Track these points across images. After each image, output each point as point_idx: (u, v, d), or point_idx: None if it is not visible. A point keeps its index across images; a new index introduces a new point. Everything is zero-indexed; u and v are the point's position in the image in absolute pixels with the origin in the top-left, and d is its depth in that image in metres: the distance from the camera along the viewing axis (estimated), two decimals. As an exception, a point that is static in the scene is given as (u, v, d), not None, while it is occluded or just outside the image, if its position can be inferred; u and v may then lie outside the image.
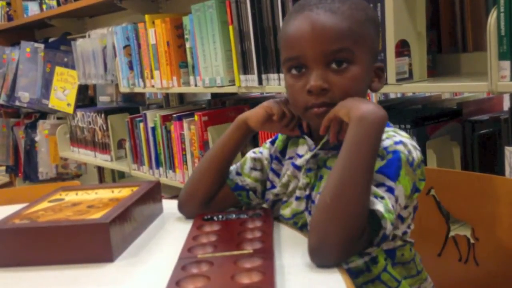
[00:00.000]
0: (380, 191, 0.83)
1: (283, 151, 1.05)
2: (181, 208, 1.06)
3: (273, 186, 1.04)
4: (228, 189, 1.05)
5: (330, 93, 0.89)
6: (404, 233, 0.93)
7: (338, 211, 0.78)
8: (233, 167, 1.07)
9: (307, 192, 0.96)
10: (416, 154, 0.89)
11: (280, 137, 1.07)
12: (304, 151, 0.99)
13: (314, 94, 0.90)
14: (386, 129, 0.90)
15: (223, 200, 1.05)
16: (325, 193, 0.81)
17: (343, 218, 0.78)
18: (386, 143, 0.87)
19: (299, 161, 0.99)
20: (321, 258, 0.78)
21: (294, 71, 0.93)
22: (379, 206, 0.81)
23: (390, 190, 0.84)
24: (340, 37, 0.89)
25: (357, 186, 0.79)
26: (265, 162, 1.06)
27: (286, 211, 1.01)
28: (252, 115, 1.02)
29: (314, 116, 0.91)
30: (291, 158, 1.02)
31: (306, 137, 0.99)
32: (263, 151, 1.07)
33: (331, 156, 0.94)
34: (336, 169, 0.82)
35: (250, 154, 1.08)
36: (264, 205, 1.06)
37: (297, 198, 0.98)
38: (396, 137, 0.89)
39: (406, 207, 0.88)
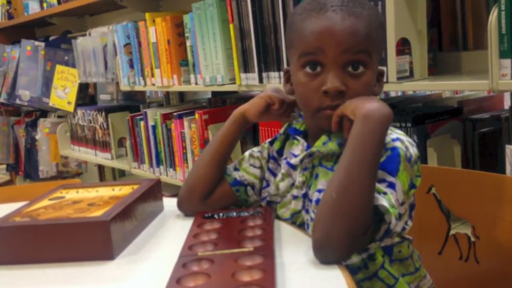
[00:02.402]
0: (382, 187, 0.84)
1: (280, 151, 1.05)
2: (180, 205, 1.06)
3: (269, 185, 1.05)
4: (227, 185, 1.05)
5: (346, 96, 0.90)
6: (402, 229, 0.94)
7: (343, 206, 0.79)
8: (231, 165, 1.08)
9: (304, 191, 0.97)
10: (413, 150, 0.90)
11: (279, 137, 1.07)
12: (299, 150, 0.99)
13: (330, 95, 0.90)
14: None
15: (221, 197, 1.05)
16: (330, 189, 0.81)
17: (348, 213, 0.78)
18: None
19: (293, 160, 1.00)
20: (325, 254, 0.78)
21: (308, 69, 0.92)
22: (383, 201, 0.81)
23: (391, 185, 0.84)
24: (361, 41, 0.89)
25: (362, 181, 0.80)
26: (263, 161, 1.07)
27: (284, 212, 1.01)
28: (251, 107, 1.03)
29: (326, 118, 0.91)
30: (286, 158, 1.03)
31: (298, 137, 1.00)
32: (262, 150, 1.08)
33: (326, 154, 0.95)
34: (342, 165, 0.83)
35: (248, 152, 1.09)
36: (262, 204, 1.06)
37: (295, 197, 0.99)
38: (392, 135, 0.90)
39: (402, 203, 0.89)
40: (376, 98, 0.91)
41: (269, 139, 1.09)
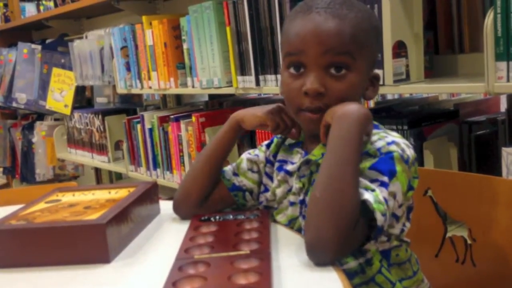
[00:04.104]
0: (373, 185, 0.84)
1: (276, 155, 1.05)
2: (176, 208, 1.06)
3: (266, 190, 1.05)
4: (225, 189, 1.05)
5: (326, 98, 0.90)
6: (401, 231, 0.94)
7: (326, 203, 0.79)
8: (229, 168, 1.08)
9: (301, 197, 0.97)
10: (410, 152, 0.90)
11: (275, 140, 1.07)
12: (298, 159, 1.00)
13: (310, 96, 0.90)
14: (377, 130, 0.92)
15: (219, 201, 1.05)
16: (314, 189, 0.82)
17: (333, 210, 0.78)
18: (379, 144, 0.88)
19: (290, 167, 1.00)
20: (317, 254, 0.78)
21: (292, 70, 0.93)
22: (368, 196, 0.81)
23: (383, 184, 0.84)
24: (344, 42, 0.89)
25: (343, 178, 0.81)
26: (261, 165, 1.06)
27: (281, 217, 1.01)
28: (246, 119, 1.03)
29: (306, 121, 0.93)
30: (281, 161, 1.03)
31: (299, 149, 1.00)
32: (259, 154, 1.07)
33: (321, 159, 0.94)
34: (323, 166, 0.84)
35: (245, 155, 1.08)
36: (259, 207, 1.06)
37: (292, 204, 0.99)
38: (388, 138, 0.90)
39: (400, 205, 0.89)
40: (355, 102, 0.91)
41: (266, 142, 1.09)
